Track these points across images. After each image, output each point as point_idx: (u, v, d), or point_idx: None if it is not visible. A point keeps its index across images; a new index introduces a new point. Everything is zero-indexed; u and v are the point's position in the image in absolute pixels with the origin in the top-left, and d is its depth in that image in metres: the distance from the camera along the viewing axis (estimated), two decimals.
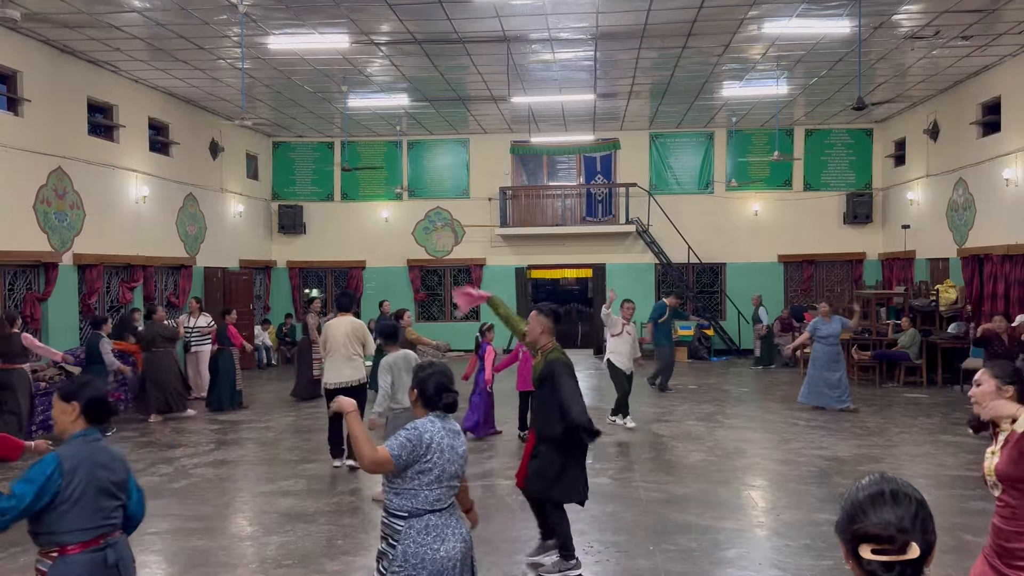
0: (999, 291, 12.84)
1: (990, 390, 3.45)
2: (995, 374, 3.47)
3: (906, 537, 1.68)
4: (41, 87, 11.49)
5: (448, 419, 3.54)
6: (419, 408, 3.56)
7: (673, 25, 11.17)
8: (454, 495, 3.50)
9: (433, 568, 3.32)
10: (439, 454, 3.37)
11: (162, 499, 7.48)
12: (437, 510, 3.38)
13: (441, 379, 3.53)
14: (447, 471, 3.39)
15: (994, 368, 3.50)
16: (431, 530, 3.35)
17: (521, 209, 19.34)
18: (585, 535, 6.31)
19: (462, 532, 3.47)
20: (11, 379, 9.40)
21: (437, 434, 3.39)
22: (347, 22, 10.78)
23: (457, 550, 3.40)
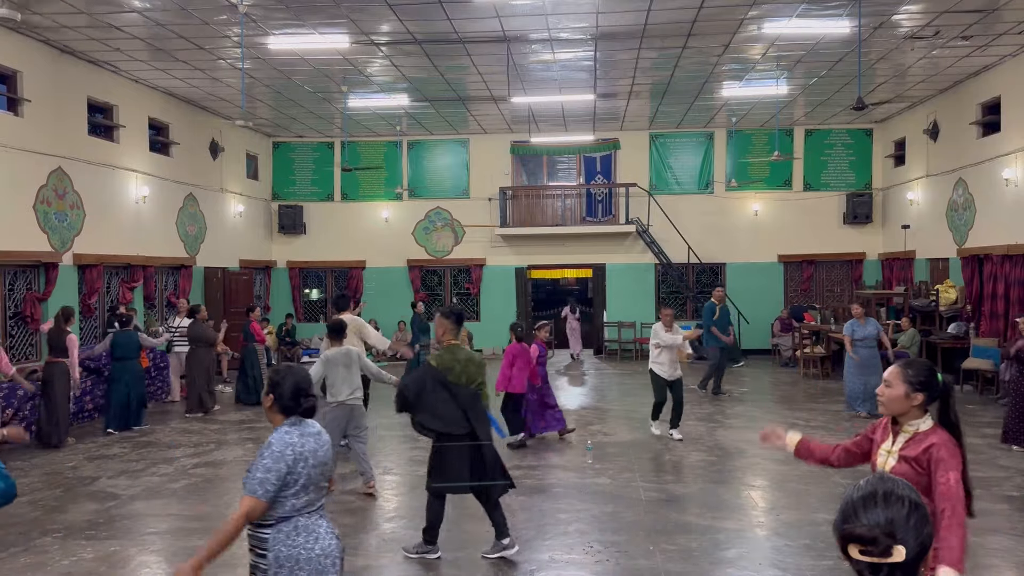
0: (999, 291, 12.84)
1: (898, 395, 3.19)
2: (906, 378, 3.18)
3: (890, 540, 1.67)
4: (41, 87, 11.49)
5: (306, 423, 3.40)
6: (275, 414, 3.41)
7: (673, 25, 11.17)
8: (322, 496, 3.42)
9: (311, 568, 3.24)
10: (304, 464, 3.27)
11: (162, 499, 7.49)
12: (305, 513, 3.31)
13: (297, 383, 3.40)
14: (314, 478, 3.31)
15: (907, 370, 3.20)
16: (301, 531, 3.27)
17: (521, 209, 19.34)
18: (585, 535, 6.32)
19: (333, 531, 3.42)
20: (54, 372, 9.86)
21: (298, 445, 3.28)
22: (347, 22, 10.78)
23: (333, 547, 3.34)
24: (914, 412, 3.18)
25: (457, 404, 5.63)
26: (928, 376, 3.18)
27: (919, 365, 3.23)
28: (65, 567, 5.74)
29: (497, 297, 19.12)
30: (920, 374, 3.18)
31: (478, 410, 5.69)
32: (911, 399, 3.17)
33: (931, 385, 3.16)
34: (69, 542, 6.25)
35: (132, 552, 6.10)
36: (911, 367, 3.22)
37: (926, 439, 3.12)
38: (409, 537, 6.31)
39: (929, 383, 3.16)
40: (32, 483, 8.07)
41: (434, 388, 5.61)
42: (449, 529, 6.47)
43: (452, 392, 5.62)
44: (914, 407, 3.17)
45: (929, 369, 3.21)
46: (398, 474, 8.48)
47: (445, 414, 5.61)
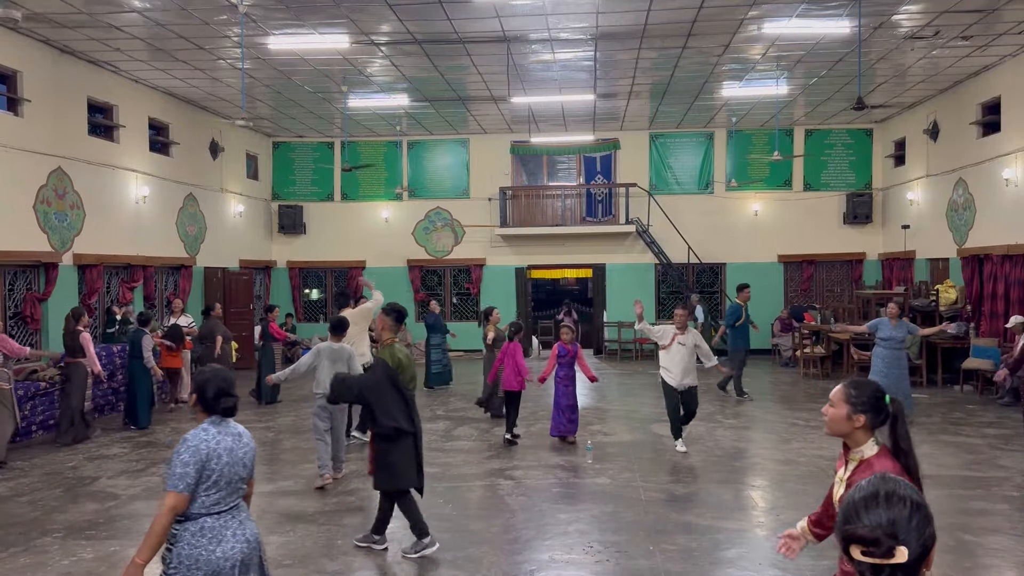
0: (999, 291, 12.85)
1: (840, 416, 3.04)
2: (848, 398, 3.03)
3: (892, 541, 1.67)
4: (41, 87, 11.49)
5: (227, 423, 3.52)
6: (198, 411, 3.54)
7: (673, 25, 11.17)
8: (238, 498, 3.49)
9: (208, 569, 3.31)
10: (217, 460, 3.38)
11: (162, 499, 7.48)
12: (215, 513, 3.39)
13: (220, 383, 3.50)
14: (226, 475, 3.40)
15: (850, 390, 3.04)
16: (206, 532, 3.36)
17: (521, 209, 19.34)
18: (585, 535, 6.32)
19: (245, 534, 3.45)
20: (71, 372, 10.08)
21: (212, 442, 3.40)
22: (347, 22, 10.78)
23: (237, 551, 3.39)
24: (858, 435, 3.02)
25: (406, 402, 5.81)
26: (871, 397, 3.02)
27: (864, 385, 3.07)
28: (65, 567, 5.74)
29: (497, 297, 19.10)
30: (863, 394, 3.02)
31: (415, 409, 5.92)
32: (853, 420, 3.01)
33: (875, 407, 3.00)
34: (69, 542, 6.25)
35: (132, 552, 6.06)
36: (855, 387, 3.06)
37: (871, 467, 2.93)
38: (408, 537, 6.32)
39: (872, 404, 3.00)
40: (32, 483, 8.07)
41: (388, 388, 5.76)
42: (450, 529, 6.47)
43: (401, 391, 5.79)
44: (857, 429, 3.01)
45: (874, 390, 3.05)
46: None
47: (398, 413, 5.76)
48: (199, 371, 3.63)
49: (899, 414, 2.99)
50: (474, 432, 10.41)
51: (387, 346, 5.97)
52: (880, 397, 3.01)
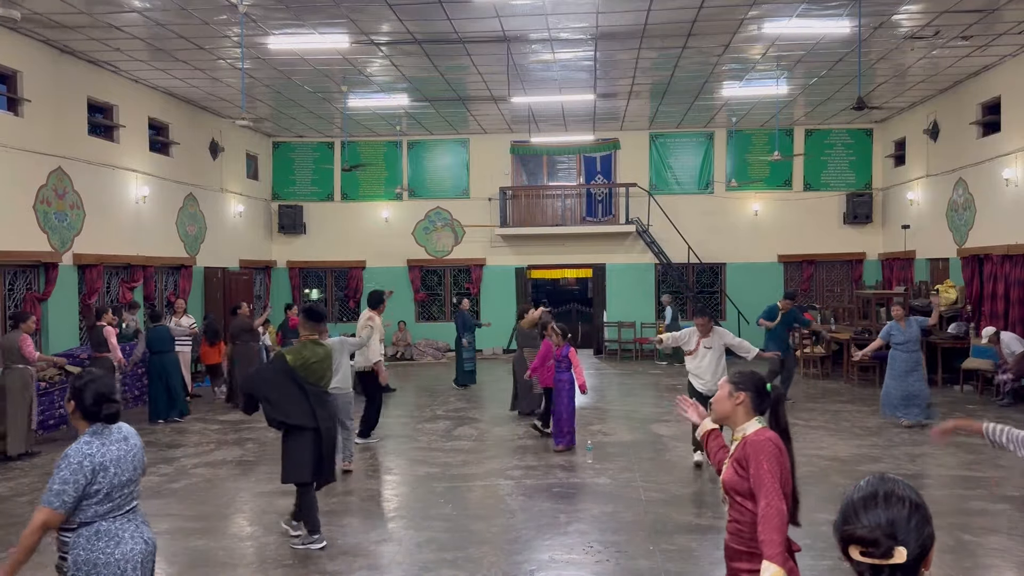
0: (999, 291, 12.85)
1: (722, 395, 3.25)
2: (731, 379, 3.28)
3: (891, 542, 1.67)
4: (41, 87, 11.49)
5: (109, 430, 3.40)
6: (78, 420, 3.41)
7: (673, 25, 11.17)
8: (133, 499, 3.42)
9: (109, 571, 3.26)
10: (103, 473, 3.27)
11: (162, 499, 7.49)
12: (109, 517, 3.32)
13: (100, 388, 3.37)
14: (116, 484, 3.31)
15: (734, 374, 3.32)
16: (103, 535, 3.29)
17: (521, 209, 19.34)
18: (585, 535, 6.32)
19: (143, 536, 3.41)
20: (98, 367, 9.86)
21: (97, 456, 3.28)
22: (347, 22, 10.78)
23: (136, 552, 3.35)
24: (740, 414, 3.19)
25: (306, 399, 5.91)
26: (752, 377, 3.24)
27: (747, 371, 3.30)
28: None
29: (497, 297, 19.12)
30: (745, 376, 3.25)
31: (326, 407, 6.07)
32: (734, 398, 3.20)
33: (756, 388, 3.20)
34: None
35: None
36: (739, 374, 3.28)
37: (752, 435, 3.14)
38: (409, 537, 6.32)
39: (753, 384, 3.21)
40: (32, 483, 8.07)
41: (284, 383, 5.90)
42: (450, 529, 6.47)
43: (302, 388, 5.91)
44: (738, 407, 3.19)
45: (758, 377, 3.27)
46: (398, 474, 8.48)
47: (292, 409, 5.88)
48: (76, 376, 3.47)
49: (781, 398, 3.21)
50: (474, 432, 10.42)
51: (301, 343, 6.16)
52: (761, 381, 3.22)
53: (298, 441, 5.92)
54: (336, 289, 19.93)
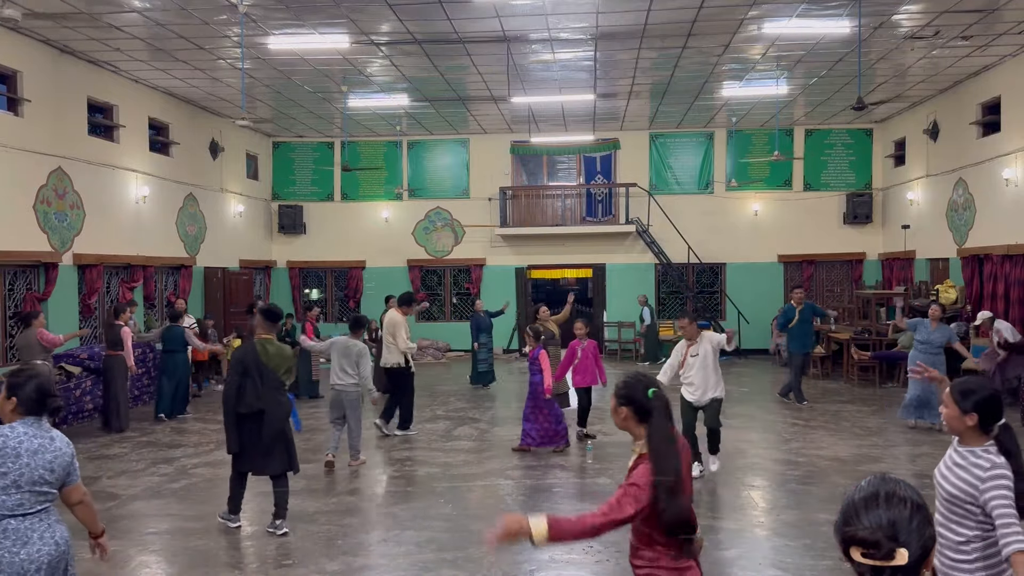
0: (999, 291, 12.84)
1: (612, 409, 3.10)
2: (617, 393, 3.08)
3: (893, 543, 1.66)
4: (41, 87, 11.49)
5: (43, 425, 3.45)
6: (16, 415, 3.45)
7: (673, 25, 11.17)
8: (46, 501, 3.42)
9: (12, 571, 3.26)
10: (15, 459, 3.30)
11: (162, 499, 7.49)
12: (18, 515, 3.32)
13: (41, 385, 3.45)
14: (26, 476, 3.32)
15: (619, 386, 3.10)
16: (10, 534, 3.29)
17: (521, 209, 19.34)
18: None
19: (55, 537, 3.41)
20: (112, 364, 10.65)
21: (13, 439, 3.32)
22: (347, 22, 10.77)
23: (44, 554, 3.35)
24: (631, 427, 3.04)
25: (258, 387, 6.32)
26: (631, 388, 3.03)
27: (629, 378, 3.10)
28: None
29: (497, 297, 19.05)
30: (625, 386, 3.06)
31: (275, 396, 6.38)
32: (619, 413, 3.06)
33: (633, 398, 3.02)
34: None
35: (132, 552, 6.10)
36: (621, 381, 3.11)
37: (639, 463, 2.98)
38: (409, 537, 6.32)
39: (630, 395, 3.02)
40: None
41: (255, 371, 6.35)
42: (450, 529, 6.47)
43: (261, 375, 6.35)
44: (627, 421, 3.04)
45: (635, 381, 3.06)
46: (398, 474, 8.48)
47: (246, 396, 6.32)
48: (14, 373, 3.53)
49: (659, 409, 3.00)
50: (474, 432, 10.42)
51: (258, 340, 6.58)
52: (641, 389, 3.03)
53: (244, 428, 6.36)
54: (336, 289, 19.92)
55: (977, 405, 3.11)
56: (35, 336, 9.53)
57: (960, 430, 3.15)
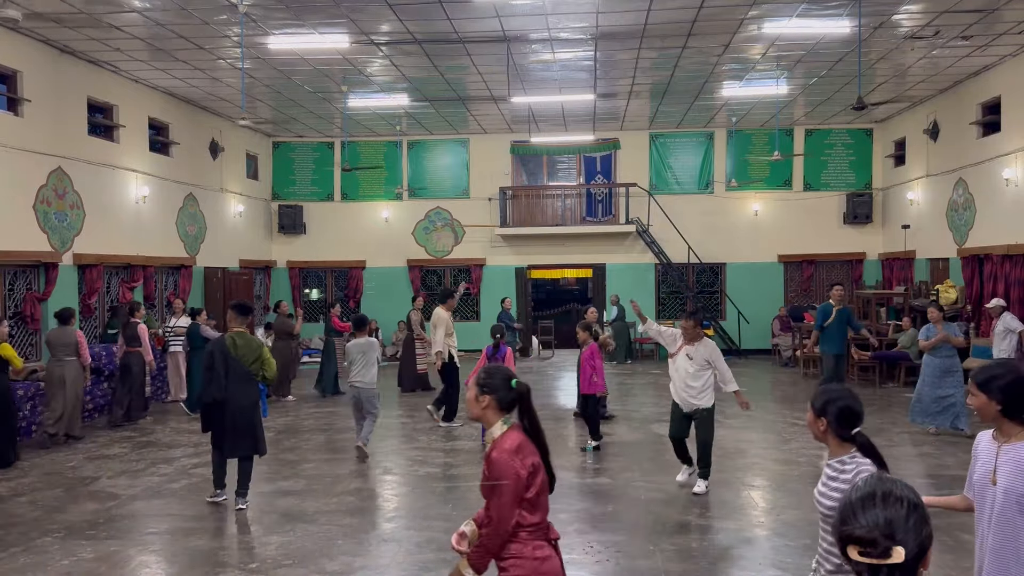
0: (999, 291, 12.83)
1: (470, 398, 3.19)
2: (478, 382, 3.18)
3: (889, 542, 1.67)
4: (41, 87, 11.49)
5: None
6: None
7: (673, 25, 11.17)
8: None
9: None
10: None
11: (162, 499, 7.49)
12: None
13: None
14: None
15: (481, 374, 3.20)
16: None
17: (521, 209, 19.34)
18: (585, 535, 6.32)
19: None
20: (130, 360, 11.04)
21: None
22: (347, 22, 10.78)
23: None
24: (488, 416, 3.15)
25: (221, 379, 6.87)
26: (495, 378, 3.14)
27: (491, 369, 3.21)
28: (65, 567, 5.74)
29: (497, 297, 19.09)
30: (488, 376, 3.16)
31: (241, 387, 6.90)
32: (480, 402, 3.15)
33: (496, 387, 3.12)
34: (69, 542, 6.25)
35: (132, 552, 6.10)
36: (486, 371, 3.20)
37: (500, 444, 3.08)
38: (409, 537, 6.33)
39: (494, 385, 3.12)
40: (32, 483, 8.07)
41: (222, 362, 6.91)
42: (450, 529, 6.46)
43: (229, 365, 6.89)
44: (486, 410, 3.14)
45: (498, 372, 3.18)
46: (398, 474, 8.48)
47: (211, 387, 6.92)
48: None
49: (524, 395, 3.13)
50: (474, 432, 10.41)
51: (229, 333, 7.11)
52: (505, 379, 3.14)
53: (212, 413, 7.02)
54: (336, 289, 19.92)
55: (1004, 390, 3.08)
56: (75, 335, 9.88)
57: (992, 416, 3.13)
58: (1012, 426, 3.11)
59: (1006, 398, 3.08)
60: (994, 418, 3.14)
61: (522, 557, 3.03)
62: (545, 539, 3.11)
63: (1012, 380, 3.11)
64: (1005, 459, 3.10)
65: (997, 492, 3.09)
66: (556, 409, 12.10)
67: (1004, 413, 3.10)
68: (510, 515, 2.98)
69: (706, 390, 7.36)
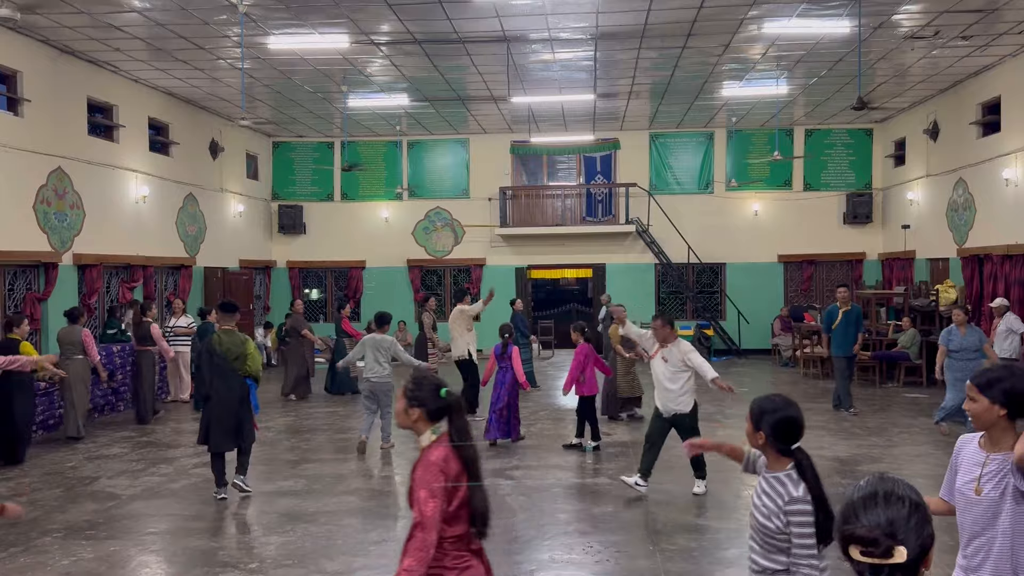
0: (999, 291, 12.82)
1: (399, 410, 3.14)
2: (406, 393, 3.12)
3: (891, 541, 1.66)
4: (41, 87, 11.48)
5: None
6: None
7: (673, 25, 11.17)
8: None
9: None
10: None
11: (162, 499, 7.49)
12: None
13: None
14: None
15: (409, 385, 3.14)
16: None
17: (521, 209, 19.34)
18: (585, 535, 6.32)
19: None
20: (142, 359, 11.32)
21: None
22: (347, 22, 10.77)
23: None
24: (419, 427, 3.10)
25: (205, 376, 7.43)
26: (422, 389, 3.07)
27: (418, 379, 3.14)
28: (65, 567, 5.74)
29: (497, 297, 19.07)
30: (416, 387, 3.10)
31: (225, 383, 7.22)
32: (409, 414, 3.10)
33: (424, 399, 3.06)
34: (69, 542, 6.25)
35: (132, 552, 6.10)
36: (411, 381, 3.14)
37: (426, 457, 3.04)
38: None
39: (421, 396, 3.06)
40: (32, 483, 8.07)
41: (208, 361, 7.36)
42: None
43: (214, 363, 7.25)
44: (416, 422, 3.09)
45: (425, 382, 3.11)
46: (398, 474, 8.48)
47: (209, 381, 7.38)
48: None
49: (455, 406, 3.08)
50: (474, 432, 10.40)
51: (217, 331, 7.44)
52: (432, 389, 3.08)
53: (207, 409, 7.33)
54: (336, 289, 19.92)
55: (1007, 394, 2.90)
56: (82, 335, 10.09)
57: (991, 422, 2.96)
58: (1006, 434, 2.96)
59: (1010, 401, 2.92)
60: (993, 424, 2.97)
61: (443, 567, 2.98)
62: (467, 549, 3.06)
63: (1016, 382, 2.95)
64: (993, 469, 2.98)
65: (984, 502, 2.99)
66: (556, 409, 12.08)
67: (1010, 417, 2.93)
68: (433, 530, 2.92)
69: (685, 394, 7.18)
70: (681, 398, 7.20)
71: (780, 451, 3.09)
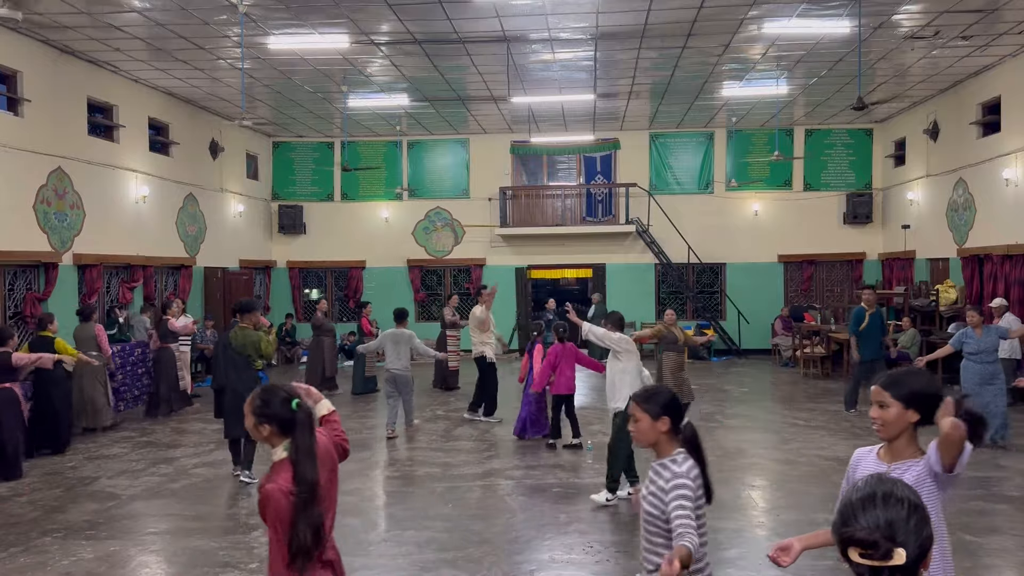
0: (999, 291, 12.83)
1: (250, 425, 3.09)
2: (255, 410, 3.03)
3: (890, 543, 1.66)
4: (41, 87, 11.48)
5: None
6: None
7: (673, 25, 11.17)
8: None
9: None
10: None
11: (162, 499, 7.49)
12: None
13: None
14: None
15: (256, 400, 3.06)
16: None
17: (521, 209, 19.34)
18: (585, 535, 6.32)
19: None
20: (161, 356, 11.76)
21: None
22: (347, 22, 10.78)
23: None
24: (273, 441, 3.01)
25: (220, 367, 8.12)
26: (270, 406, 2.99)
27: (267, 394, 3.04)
28: (65, 567, 5.74)
29: (497, 297, 19.07)
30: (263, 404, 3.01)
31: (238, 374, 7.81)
32: (260, 431, 3.03)
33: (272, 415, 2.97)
34: (69, 542, 6.25)
35: (132, 552, 6.10)
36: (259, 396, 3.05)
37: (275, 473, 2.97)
38: (409, 537, 6.33)
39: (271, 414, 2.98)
40: (32, 483, 8.07)
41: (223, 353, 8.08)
42: (450, 529, 6.47)
43: (226, 356, 7.96)
44: (267, 437, 3.01)
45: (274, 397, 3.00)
46: (398, 474, 8.48)
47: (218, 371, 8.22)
48: None
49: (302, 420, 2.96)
50: (474, 432, 10.42)
51: (237, 327, 8.00)
52: (286, 402, 2.97)
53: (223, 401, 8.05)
54: (336, 289, 19.92)
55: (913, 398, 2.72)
56: (95, 330, 10.47)
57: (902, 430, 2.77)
58: (910, 443, 2.80)
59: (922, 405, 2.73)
60: (902, 431, 2.77)
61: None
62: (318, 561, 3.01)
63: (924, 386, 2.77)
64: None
65: None
66: None
67: (921, 422, 2.75)
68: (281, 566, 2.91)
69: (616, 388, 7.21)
70: (617, 396, 7.21)
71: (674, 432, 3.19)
